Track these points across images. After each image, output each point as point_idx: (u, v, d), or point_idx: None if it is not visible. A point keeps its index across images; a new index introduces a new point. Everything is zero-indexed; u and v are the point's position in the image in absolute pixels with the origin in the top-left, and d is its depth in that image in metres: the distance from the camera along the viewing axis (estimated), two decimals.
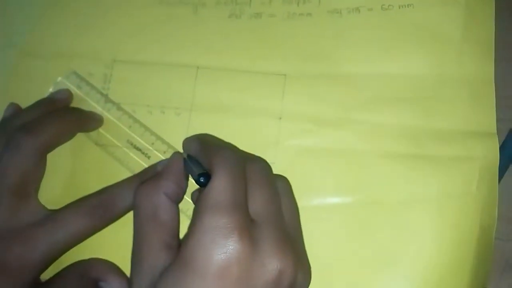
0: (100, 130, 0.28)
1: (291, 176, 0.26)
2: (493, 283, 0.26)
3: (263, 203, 0.21)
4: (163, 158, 0.27)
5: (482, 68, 0.27)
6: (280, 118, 0.27)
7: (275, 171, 0.26)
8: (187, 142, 0.26)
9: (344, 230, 0.26)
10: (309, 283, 0.22)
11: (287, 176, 0.26)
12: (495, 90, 0.27)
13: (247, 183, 0.21)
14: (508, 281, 0.26)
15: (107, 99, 0.28)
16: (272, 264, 0.19)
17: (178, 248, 0.20)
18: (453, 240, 0.25)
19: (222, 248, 0.18)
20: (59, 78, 0.29)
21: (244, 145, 0.27)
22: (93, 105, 0.28)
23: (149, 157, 0.27)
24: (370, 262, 0.25)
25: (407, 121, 0.27)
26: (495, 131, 0.26)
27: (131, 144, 0.28)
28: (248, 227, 0.19)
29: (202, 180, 0.21)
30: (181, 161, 0.24)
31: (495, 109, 0.26)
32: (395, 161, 0.26)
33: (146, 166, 0.27)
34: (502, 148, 0.26)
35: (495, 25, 0.27)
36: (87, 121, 0.27)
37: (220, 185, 0.20)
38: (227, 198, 0.19)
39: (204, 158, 0.23)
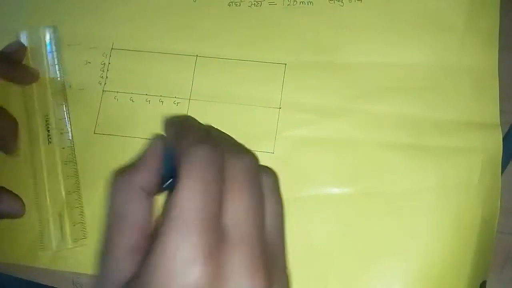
0: None
1: (290, 166, 0.26)
2: (494, 276, 0.26)
3: (240, 216, 0.19)
4: None
5: (486, 58, 0.26)
6: (280, 108, 0.27)
7: (274, 161, 0.26)
8: (164, 125, 0.23)
9: (343, 220, 0.26)
10: None
11: (286, 166, 0.26)
12: (499, 81, 0.26)
13: (225, 183, 0.19)
14: (509, 274, 0.26)
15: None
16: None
17: (146, 250, 0.18)
18: (454, 232, 0.25)
19: (183, 276, 0.17)
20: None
21: (243, 135, 0.26)
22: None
23: None
24: (369, 253, 0.25)
25: (408, 111, 0.26)
26: (498, 122, 0.26)
27: None
28: (216, 248, 0.17)
29: (169, 183, 0.20)
30: (160, 147, 0.21)
31: (498, 100, 0.26)
32: (396, 152, 0.26)
33: None
34: (505, 139, 0.26)
35: (500, 13, 0.27)
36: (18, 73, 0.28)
37: (187, 196, 0.18)
38: (193, 215, 0.18)
39: (177, 151, 0.20)
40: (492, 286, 0.25)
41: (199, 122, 0.24)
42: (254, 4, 0.28)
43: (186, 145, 0.19)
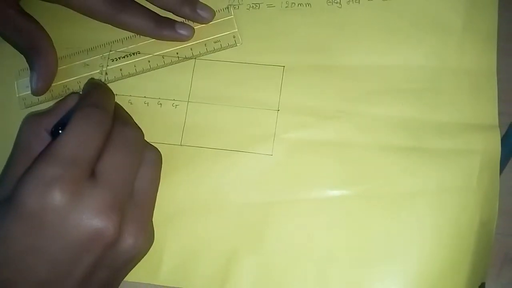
0: None
1: (288, 168, 0.26)
2: (492, 278, 0.26)
3: (111, 163, 0.21)
4: None
5: (484, 60, 0.26)
6: (278, 110, 0.27)
7: (272, 163, 0.26)
8: (85, 84, 0.27)
9: (342, 223, 0.26)
10: (143, 252, 0.22)
11: (284, 169, 0.26)
12: (497, 82, 0.26)
13: (107, 143, 0.22)
14: (507, 276, 0.26)
15: None
16: (90, 222, 0.20)
17: None
18: (452, 234, 0.25)
19: (39, 196, 0.19)
20: None
21: (241, 137, 0.27)
22: None
23: None
24: (368, 255, 0.25)
25: (406, 113, 0.26)
26: (497, 123, 0.26)
27: None
28: (78, 182, 0.20)
29: (60, 131, 0.22)
30: (73, 102, 0.24)
31: (497, 101, 0.26)
32: (394, 154, 0.26)
33: None
34: (503, 141, 0.26)
35: (498, 15, 0.27)
36: None
37: (66, 139, 0.21)
38: (64, 153, 0.20)
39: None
40: (490, 287, 0.25)
41: (112, 96, 0.26)
42: (253, 6, 0.28)
43: (84, 104, 0.22)
